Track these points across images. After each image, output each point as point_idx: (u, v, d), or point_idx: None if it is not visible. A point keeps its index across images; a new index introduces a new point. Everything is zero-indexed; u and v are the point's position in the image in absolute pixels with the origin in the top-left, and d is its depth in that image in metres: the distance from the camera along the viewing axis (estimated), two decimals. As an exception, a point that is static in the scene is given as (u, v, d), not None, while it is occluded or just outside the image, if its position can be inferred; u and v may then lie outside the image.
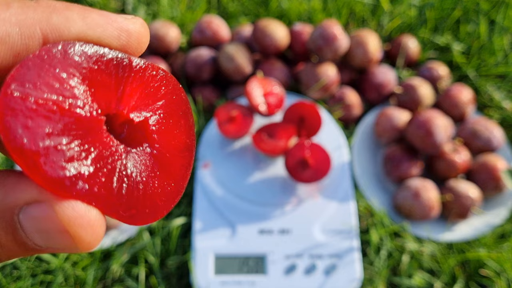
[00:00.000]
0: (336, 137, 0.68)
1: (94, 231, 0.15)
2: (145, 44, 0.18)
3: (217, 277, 0.58)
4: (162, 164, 0.18)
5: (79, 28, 0.16)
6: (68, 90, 0.15)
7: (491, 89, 0.77)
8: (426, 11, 0.84)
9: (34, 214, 0.14)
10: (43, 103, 0.14)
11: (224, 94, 0.76)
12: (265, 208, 0.62)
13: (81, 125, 0.15)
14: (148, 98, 0.18)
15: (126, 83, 0.17)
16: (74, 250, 0.15)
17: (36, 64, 0.14)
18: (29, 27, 0.15)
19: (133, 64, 0.17)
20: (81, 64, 0.16)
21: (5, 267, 0.61)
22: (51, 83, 0.15)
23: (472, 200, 0.63)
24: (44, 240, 0.15)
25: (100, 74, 0.16)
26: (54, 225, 0.14)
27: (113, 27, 0.17)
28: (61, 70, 0.15)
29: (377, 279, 0.61)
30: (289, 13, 0.84)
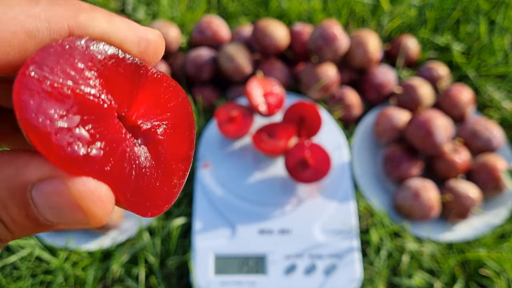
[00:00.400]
0: (336, 137, 0.68)
1: (105, 206, 0.16)
2: (161, 55, 0.19)
3: (217, 277, 0.58)
4: (165, 168, 0.19)
5: (104, 29, 0.17)
6: (84, 79, 0.16)
7: (491, 89, 0.77)
8: (426, 11, 0.84)
9: (46, 190, 0.15)
10: (58, 87, 0.15)
11: (224, 94, 0.76)
12: (265, 208, 0.62)
13: (94, 111, 0.16)
14: (158, 108, 0.19)
15: (140, 90, 0.18)
16: (84, 225, 0.16)
17: (57, 51, 0.15)
18: (57, 23, 0.15)
19: (149, 73, 0.18)
20: (100, 62, 0.16)
21: (5, 267, 0.61)
22: (68, 71, 0.15)
23: (472, 200, 0.63)
24: (55, 216, 0.15)
25: (117, 76, 0.17)
26: (66, 201, 0.15)
27: (134, 33, 0.18)
28: (80, 61, 0.16)
29: (377, 279, 0.61)
30: (289, 13, 0.84)
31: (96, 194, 0.15)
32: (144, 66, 0.18)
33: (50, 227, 0.16)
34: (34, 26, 0.15)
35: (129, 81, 0.18)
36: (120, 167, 0.17)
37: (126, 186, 0.17)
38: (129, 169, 0.17)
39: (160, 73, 0.19)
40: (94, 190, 0.15)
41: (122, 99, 0.18)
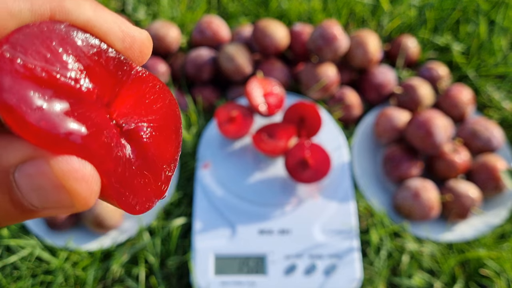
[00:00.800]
0: (336, 137, 0.68)
1: (89, 185, 0.15)
2: (147, 56, 0.18)
3: (217, 277, 0.58)
4: (151, 169, 0.18)
5: (88, 17, 0.16)
6: (61, 63, 0.15)
7: (491, 89, 0.77)
8: (426, 11, 0.84)
9: (29, 171, 0.14)
10: (32, 68, 0.14)
11: (224, 94, 0.76)
12: (265, 208, 0.62)
13: (71, 95, 0.15)
14: (142, 108, 0.18)
15: (123, 87, 0.17)
16: (70, 208, 0.15)
17: (33, 32, 0.14)
18: (40, 5, 0.15)
19: (133, 71, 0.18)
20: (80, 49, 0.16)
21: (5, 267, 0.61)
22: (43, 53, 0.15)
23: (472, 200, 0.63)
24: (40, 199, 0.15)
25: (98, 66, 0.16)
26: (49, 181, 0.14)
27: (120, 28, 0.17)
28: (58, 45, 0.15)
29: (377, 279, 0.61)
30: (289, 13, 0.84)
31: (80, 172, 0.15)
32: (128, 63, 0.17)
33: (35, 213, 0.15)
34: (17, 6, 0.14)
35: (111, 75, 0.17)
36: (106, 149, 0.16)
37: (113, 169, 0.16)
38: (116, 156, 0.16)
39: (146, 72, 0.18)
40: (78, 168, 0.15)
41: (104, 90, 0.17)
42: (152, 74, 0.18)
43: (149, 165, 0.18)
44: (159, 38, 0.74)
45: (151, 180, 0.18)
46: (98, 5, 0.17)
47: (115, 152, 0.16)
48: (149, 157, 0.18)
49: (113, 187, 0.16)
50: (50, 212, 0.15)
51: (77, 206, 0.15)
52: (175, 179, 0.66)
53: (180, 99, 0.72)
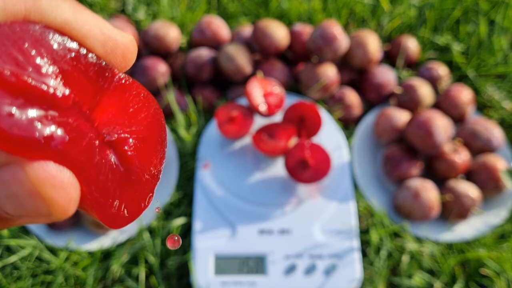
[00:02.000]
0: (336, 137, 0.68)
1: (68, 193, 0.14)
2: (130, 62, 0.17)
3: (217, 277, 0.58)
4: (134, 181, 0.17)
5: (66, 19, 0.15)
6: (33, 66, 0.14)
7: (491, 89, 0.77)
8: (426, 11, 0.84)
9: (3, 178, 0.13)
10: (1, 71, 0.13)
11: (224, 94, 0.76)
12: (265, 208, 0.62)
13: (45, 100, 0.14)
14: (125, 118, 0.17)
15: (103, 95, 0.16)
16: (47, 216, 0.14)
17: (4, 32, 0.13)
18: (14, 4, 0.14)
19: (116, 77, 0.16)
20: (56, 52, 0.14)
21: (5, 267, 0.61)
22: (14, 55, 0.13)
23: (472, 200, 0.63)
24: (15, 207, 0.14)
25: (76, 71, 0.15)
26: (24, 188, 0.13)
27: (101, 31, 0.16)
28: (30, 47, 0.14)
29: (377, 279, 0.61)
30: (289, 13, 0.84)
31: (58, 179, 0.14)
32: (110, 70, 0.16)
33: (11, 221, 0.15)
34: None
35: (91, 82, 0.15)
36: (87, 155, 0.15)
37: (92, 178, 0.15)
38: (97, 163, 0.15)
39: (129, 79, 0.17)
40: (55, 175, 0.14)
41: (83, 98, 0.15)
42: (136, 82, 0.17)
43: (132, 177, 0.17)
44: (159, 38, 0.74)
45: (134, 193, 0.17)
46: (77, 5, 0.15)
47: (96, 159, 0.15)
48: (133, 169, 0.17)
49: (93, 196, 0.15)
50: (27, 220, 0.15)
51: (54, 214, 0.14)
52: (175, 179, 0.66)
53: (180, 99, 0.72)
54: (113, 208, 0.16)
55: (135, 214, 0.17)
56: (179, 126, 0.70)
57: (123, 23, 0.75)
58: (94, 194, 0.15)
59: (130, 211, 0.17)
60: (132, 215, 0.17)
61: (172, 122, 0.72)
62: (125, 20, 0.79)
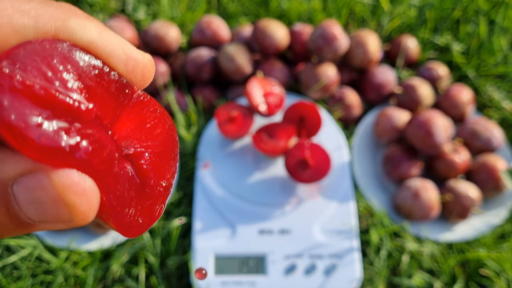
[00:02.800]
0: (336, 137, 0.68)
1: (89, 200, 0.15)
2: (149, 80, 0.18)
3: (217, 277, 0.58)
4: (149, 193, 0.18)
5: (92, 38, 0.16)
6: (61, 81, 0.15)
7: (491, 89, 0.77)
8: (426, 11, 0.84)
9: (28, 184, 0.14)
10: (31, 85, 0.14)
11: (224, 94, 0.76)
12: (265, 208, 0.62)
13: (70, 112, 0.15)
14: (142, 133, 0.18)
15: (123, 110, 0.17)
16: (68, 222, 0.15)
17: (35, 49, 0.14)
18: (45, 23, 0.15)
19: (135, 95, 0.17)
20: (82, 69, 0.16)
21: (5, 267, 0.61)
22: (43, 70, 0.14)
23: (472, 200, 0.63)
24: (38, 213, 0.15)
25: (99, 88, 0.16)
26: (48, 195, 0.14)
27: (124, 51, 0.17)
28: (59, 63, 0.15)
29: (377, 279, 0.61)
30: (289, 13, 0.84)
31: (80, 186, 0.15)
32: (130, 87, 0.17)
33: (32, 226, 0.15)
34: (21, 22, 0.14)
35: (113, 98, 0.17)
36: (107, 165, 0.16)
37: (112, 187, 0.16)
38: (116, 173, 0.16)
39: (147, 96, 0.18)
40: (79, 182, 0.15)
41: (104, 112, 0.16)
42: (153, 99, 0.18)
43: (146, 189, 0.18)
44: (159, 38, 0.74)
45: (147, 204, 0.18)
46: (103, 26, 0.16)
47: (115, 170, 0.16)
48: (147, 181, 0.18)
49: (112, 205, 0.16)
50: (47, 226, 0.15)
51: (75, 220, 0.15)
52: (175, 179, 0.66)
53: (180, 99, 0.72)
54: (128, 217, 0.17)
55: (148, 225, 0.18)
56: (179, 126, 0.70)
57: (123, 23, 0.75)
58: (112, 203, 0.16)
59: (143, 221, 0.18)
60: (144, 225, 0.18)
61: (172, 122, 0.72)
62: (125, 20, 0.79)
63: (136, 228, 0.17)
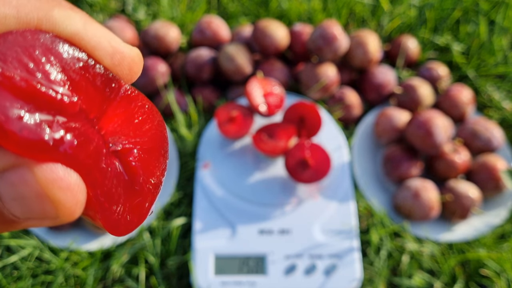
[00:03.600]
0: (336, 137, 0.68)
1: (74, 195, 0.14)
2: (136, 75, 0.18)
3: (217, 277, 0.58)
4: (137, 191, 0.17)
5: (76, 29, 0.15)
6: (43, 73, 0.14)
7: (491, 89, 0.77)
8: (426, 11, 0.84)
9: (11, 179, 0.14)
10: (11, 76, 0.13)
11: (224, 94, 0.76)
12: (265, 208, 0.62)
13: (53, 105, 0.14)
14: (130, 128, 0.17)
15: (110, 105, 0.17)
16: (54, 219, 0.15)
17: (16, 40, 0.14)
18: (27, 13, 0.14)
19: (122, 89, 0.17)
20: (65, 61, 0.15)
21: (5, 267, 0.61)
22: (25, 61, 0.14)
23: (472, 201, 0.63)
24: (22, 209, 0.14)
25: (84, 81, 0.15)
26: (32, 190, 0.14)
27: (110, 43, 0.16)
28: (41, 54, 0.14)
29: (377, 279, 0.61)
30: (289, 13, 0.84)
31: (65, 181, 0.14)
32: (117, 81, 0.17)
33: (17, 223, 0.15)
34: (2, 12, 0.14)
35: (98, 92, 0.16)
36: (94, 159, 0.15)
37: (98, 182, 0.15)
38: (103, 168, 0.15)
39: (135, 90, 0.17)
40: (63, 177, 0.14)
41: (90, 106, 0.16)
42: (141, 93, 0.18)
43: (135, 186, 0.17)
44: (159, 38, 0.74)
45: (136, 202, 0.17)
46: (88, 18, 0.16)
47: (102, 165, 0.15)
48: (136, 178, 0.17)
49: (99, 200, 0.15)
50: (33, 223, 0.15)
51: (61, 217, 0.14)
52: (175, 179, 0.66)
53: (180, 99, 0.72)
54: (116, 214, 0.16)
55: (136, 223, 0.17)
56: (179, 126, 0.70)
57: (123, 23, 0.75)
58: (99, 198, 0.15)
59: (131, 219, 0.17)
60: (133, 223, 0.17)
61: (172, 122, 0.72)
62: (125, 20, 0.79)
63: (124, 226, 0.17)
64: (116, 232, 0.16)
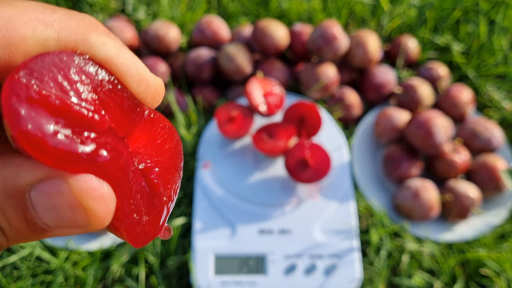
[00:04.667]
0: (336, 137, 0.68)
1: (107, 205, 0.15)
2: (157, 103, 0.19)
3: (217, 277, 0.58)
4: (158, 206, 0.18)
5: (110, 55, 0.16)
6: (76, 92, 0.15)
7: (491, 89, 0.77)
8: (426, 11, 0.84)
9: (46, 190, 0.14)
10: (47, 95, 0.14)
11: (224, 94, 0.76)
12: (265, 208, 0.62)
13: (85, 123, 0.15)
14: (153, 148, 0.19)
15: (135, 127, 0.18)
16: (83, 228, 0.15)
17: (52, 60, 0.15)
18: (67, 36, 0.15)
19: (146, 113, 0.18)
20: (97, 83, 0.16)
21: (5, 267, 0.61)
22: (60, 81, 0.15)
23: (472, 200, 0.63)
24: (54, 218, 0.15)
25: (114, 103, 0.16)
26: (65, 200, 0.14)
27: (138, 71, 0.17)
28: (75, 74, 0.15)
29: (377, 279, 0.61)
30: (289, 13, 0.84)
31: (99, 191, 0.15)
32: (141, 105, 0.18)
33: (48, 232, 0.15)
34: (45, 35, 0.15)
35: (125, 114, 0.17)
36: (124, 172, 0.16)
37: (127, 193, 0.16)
38: (131, 181, 0.16)
39: (157, 113, 0.19)
40: (97, 187, 0.15)
41: (118, 126, 0.17)
42: (162, 115, 0.19)
43: (156, 200, 0.18)
44: (159, 38, 0.74)
45: (154, 214, 0.18)
46: (121, 45, 0.17)
47: (131, 177, 0.16)
48: (157, 194, 0.18)
49: (125, 211, 0.16)
50: (62, 231, 0.15)
51: (91, 225, 0.15)
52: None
53: (180, 99, 0.72)
54: (140, 225, 0.17)
55: (152, 236, 0.18)
56: (179, 126, 0.70)
57: (123, 23, 0.75)
58: (126, 209, 0.16)
59: (148, 232, 0.18)
60: (149, 236, 0.18)
61: (172, 122, 0.72)
62: (125, 20, 0.79)
63: (142, 238, 0.17)
64: (136, 242, 0.17)
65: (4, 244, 0.15)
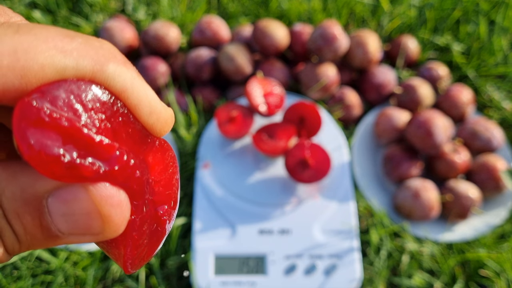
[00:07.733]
0: (336, 137, 0.68)
1: (123, 212, 0.16)
2: (166, 132, 0.19)
3: (217, 277, 0.58)
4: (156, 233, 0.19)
5: (125, 86, 0.17)
6: (89, 117, 0.15)
7: (491, 89, 0.77)
8: (426, 11, 0.84)
9: (64, 197, 0.15)
10: (58, 117, 0.14)
11: (224, 94, 0.76)
12: (265, 208, 0.62)
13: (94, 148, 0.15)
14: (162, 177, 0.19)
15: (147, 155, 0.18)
16: (97, 234, 0.16)
17: (67, 86, 0.15)
18: (85, 65, 0.15)
19: (156, 143, 0.19)
20: (110, 112, 0.16)
21: (5, 267, 0.61)
22: (74, 106, 0.15)
23: (472, 201, 0.63)
24: (68, 225, 0.15)
25: (126, 133, 0.17)
26: (82, 207, 0.15)
27: (150, 103, 0.18)
28: (90, 101, 0.15)
29: (377, 279, 0.61)
30: (289, 13, 0.84)
31: (116, 198, 0.15)
32: (151, 137, 0.18)
33: (60, 239, 0.16)
34: (63, 63, 0.15)
35: (135, 144, 0.17)
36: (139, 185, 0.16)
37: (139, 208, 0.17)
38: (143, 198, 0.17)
39: (165, 142, 0.19)
40: (115, 194, 0.15)
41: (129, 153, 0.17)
42: (167, 142, 0.20)
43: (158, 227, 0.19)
44: (159, 38, 0.74)
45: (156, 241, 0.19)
46: (137, 75, 0.17)
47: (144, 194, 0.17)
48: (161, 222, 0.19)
49: (136, 223, 0.16)
50: (75, 239, 0.16)
51: (106, 232, 0.16)
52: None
53: (180, 99, 0.72)
54: (141, 246, 0.17)
55: (145, 261, 0.18)
56: (179, 126, 0.70)
57: (123, 23, 0.75)
58: (137, 221, 0.17)
59: (143, 258, 0.18)
60: (144, 260, 0.18)
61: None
62: (125, 20, 0.79)
63: (138, 260, 0.18)
64: (132, 264, 0.17)
65: (17, 249, 0.15)
